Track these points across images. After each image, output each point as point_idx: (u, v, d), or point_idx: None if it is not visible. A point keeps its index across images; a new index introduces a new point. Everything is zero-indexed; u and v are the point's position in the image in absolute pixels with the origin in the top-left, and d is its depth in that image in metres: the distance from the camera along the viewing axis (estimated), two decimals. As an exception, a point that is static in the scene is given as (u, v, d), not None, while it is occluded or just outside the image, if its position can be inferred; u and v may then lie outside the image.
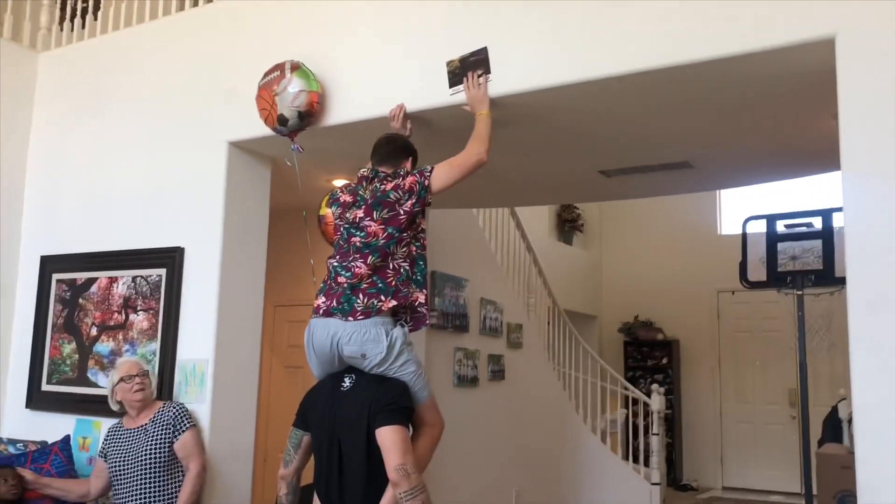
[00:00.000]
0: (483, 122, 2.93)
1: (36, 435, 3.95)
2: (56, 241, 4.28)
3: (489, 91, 2.99)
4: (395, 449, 2.57)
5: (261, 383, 5.23)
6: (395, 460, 2.54)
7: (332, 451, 2.71)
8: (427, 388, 2.84)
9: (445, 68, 3.08)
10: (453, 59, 3.07)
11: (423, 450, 2.79)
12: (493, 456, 6.34)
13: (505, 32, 3.03)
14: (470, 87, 2.98)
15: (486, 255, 6.59)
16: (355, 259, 2.75)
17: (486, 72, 3.00)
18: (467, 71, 3.02)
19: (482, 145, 2.89)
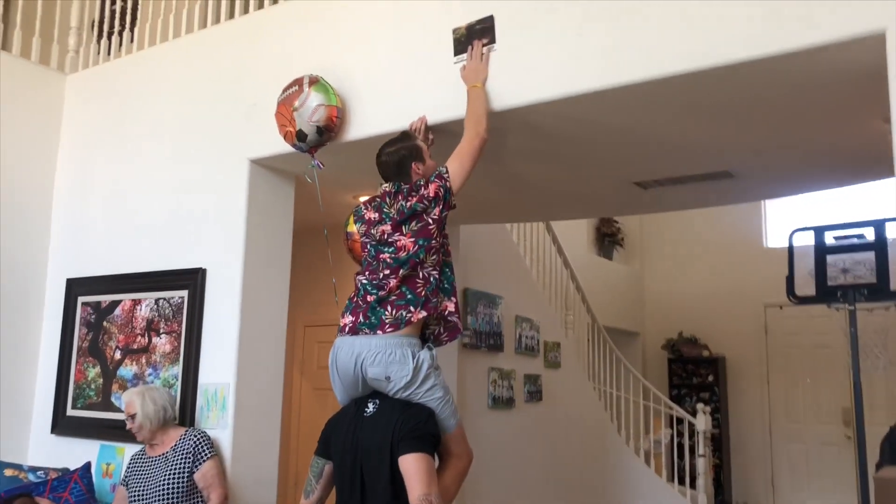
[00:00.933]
0: (477, 97, 2.82)
1: (61, 461, 3.89)
2: (82, 263, 4.24)
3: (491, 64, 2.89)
4: (419, 478, 2.43)
5: (290, 406, 5.14)
6: (419, 490, 2.41)
7: (355, 480, 2.59)
8: (455, 416, 2.69)
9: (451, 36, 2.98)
10: (460, 26, 2.96)
11: (448, 482, 2.64)
12: (531, 480, 6.14)
13: (529, 39, 2.89)
14: (473, 56, 2.86)
15: (521, 272, 6.42)
16: (387, 276, 2.64)
17: (491, 41, 2.89)
18: (473, 39, 2.90)
19: (480, 124, 2.79)
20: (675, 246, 10.05)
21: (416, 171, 2.80)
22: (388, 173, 2.84)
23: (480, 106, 2.80)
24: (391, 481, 2.50)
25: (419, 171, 2.80)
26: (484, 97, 2.83)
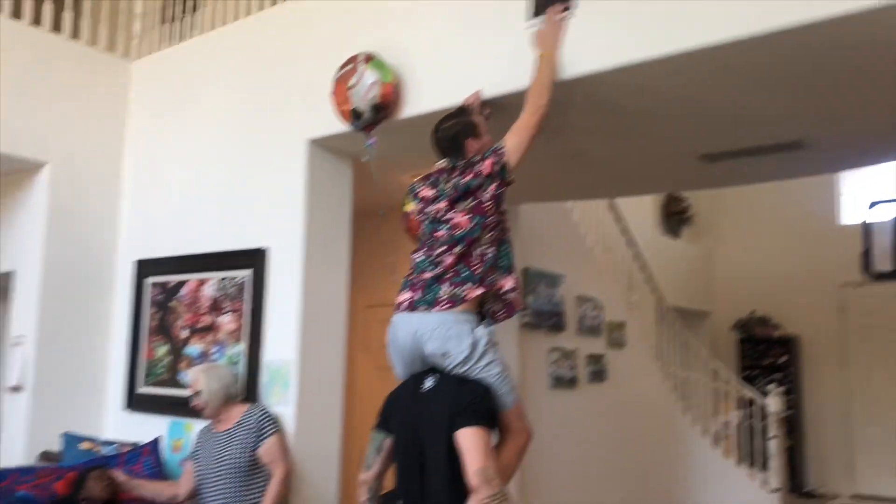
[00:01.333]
0: (546, 65, 2.74)
1: (133, 436, 4.03)
2: (150, 245, 4.36)
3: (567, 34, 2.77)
4: (476, 452, 2.42)
5: (352, 384, 5.19)
6: (476, 464, 2.39)
7: (414, 455, 2.59)
8: (513, 392, 2.66)
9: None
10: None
11: (507, 459, 2.63)
12: (594, 461, 6.07)
13: (587, 7, 2.81)
14: (550, 19, 2.77)
15: (583, 251, 6.33)
16: (442, 253, 2.63)
17: (568, 7, 2.78)
18: (550, 3, 2.80)
19: (542, 96, 2.71)
20: (745, 223, 9.75)
21: (472, 147, 2.76)
22: (443, 149, 2.82)
23: (547, 76, 2.73)
24: (449, 456, 2.49)
25: (475, 147, 2.76)
26: (552, 67, 2.74)
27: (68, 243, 4.34)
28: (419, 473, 2.57)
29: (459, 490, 2.47)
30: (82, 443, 3.77)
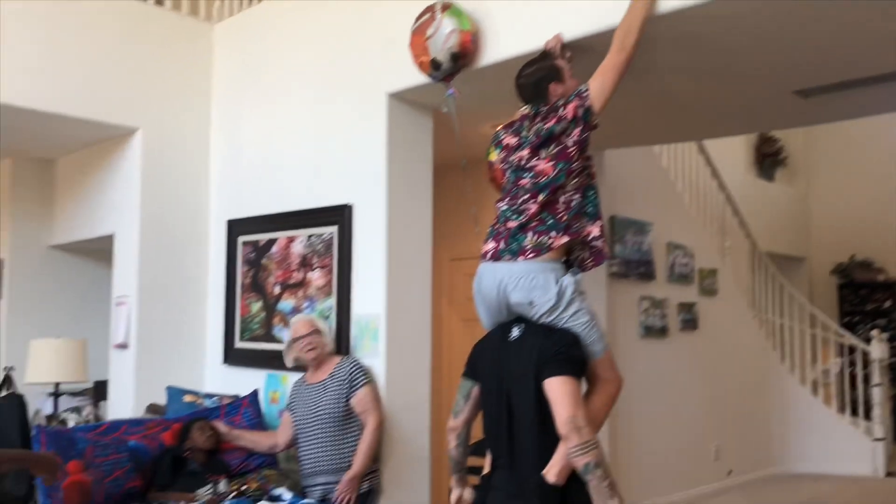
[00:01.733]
0: (638, 7, 2.61)
1: (232, 389, 4.20)
2: (240, 204, 4.48)
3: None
4: (565, 401, 2.39)
5: (439, 336, 5.25)
6: (565, 413, 2.37)
7: (501, 404, 2.59)
8: (602, 341, 2.62)
9: None
10: None
11: (597, 407, 2.60)
12: (687, 410, 5.98)
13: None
14: None
15: (672, 197, 6.15)
16: (526, 201, 2.59)
17: None
18: None
19: (628, 37, 2.61)
20: (842, 163, 9.24)
21: (555, 91, 2.69)
22: (526, 96, 2.76)
23: (637, 17, 2.62)
24: (537, 405, 2.48)
25: (558, 91, 2.69)
26: (646, 7, 2.62)
27: (163, 205, 4.50)
28: (507, 422, 2.57)
29: (548, 438, 2.46)
30: (185, 396, 3.95)
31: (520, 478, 2.50)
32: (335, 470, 3.36)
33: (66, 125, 4.34)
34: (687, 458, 5.98)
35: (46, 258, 5.44)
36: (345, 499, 3.28)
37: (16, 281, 5.33)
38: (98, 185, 4.86)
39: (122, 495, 3.25)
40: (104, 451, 3.27)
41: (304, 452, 3.44)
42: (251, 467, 3.61)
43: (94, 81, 4.25)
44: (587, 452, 2.33)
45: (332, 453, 3.38)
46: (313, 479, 3.41)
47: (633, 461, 5.29)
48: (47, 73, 4.08)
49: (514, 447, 2.55)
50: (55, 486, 3.07)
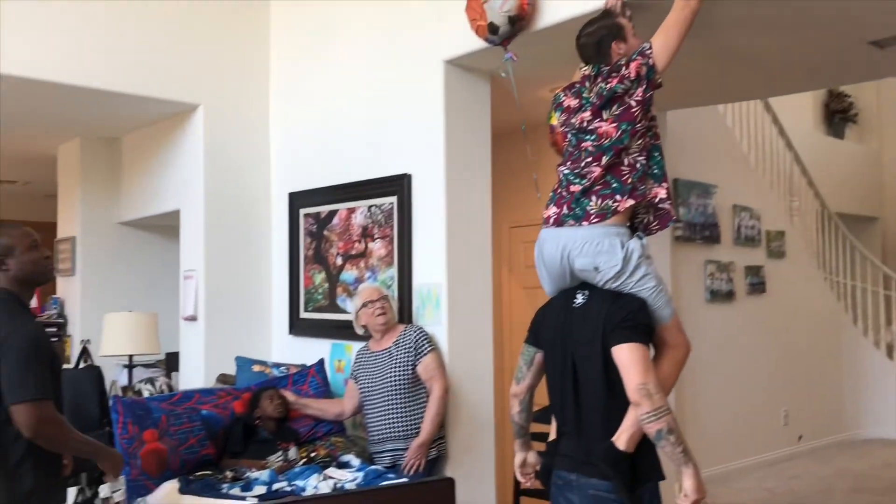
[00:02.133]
0: None
1: (299, 358, 4.27)
2: (300, 177, 4.52)
3: None
4: (635, 368, 2.35)
5: (500, 304, 5.24)
6: (635, 380, 2.33)
7: (567, 371, 2.56)
8: (670, 305, 2.56)
9: None
10: None
11: (666, 373, 2.55)
12: (755, 375, 5.87)
13: None
14: None
15: (737, 157, 5.98)
16: (589, 164, 2.53)
17: None
18: None
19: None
20: (920, 117, 8.85)
21: (618, 50, 2.61)
22: (587, 55, 2.68)
23: None
24: (604, 372, 2.44)
25: (620, 50, 2.61)
26: None
27: (225, 180, 4.57)
28: (573, 389, 2.54)
29: (615, 405, 2.43)
30: (254, 365, 4.03)
31: (588, 445, 2.48)
32: (403, 437, 3.40)
33: (129, 103, 4.44)
34: (756, 424, 5.88)
35: (116, 235, 5.61)
36: (414, 465, 3.32)
37: (88, 257, 5.51)
38: (162, 161, 4.97)
39: (196, 462, 3.35)
40: (178, 420, 3.38)
41: (372, 420, 3.49)
42: (319, 435, 3.68)
43: (156, 59, 4.32)
44: (660, 419, 2.29)
45: (400, 420, 3.41)
46: (382, 446, 3.45)
47: (701, 427, 5.23)
48: (110, 54, 4.16)
49: (581, 414, 2.52)
50: (134, 453, 3.19)
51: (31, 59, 3.90)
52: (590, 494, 2.41)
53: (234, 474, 3.23)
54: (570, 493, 2.47)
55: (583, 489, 2.43)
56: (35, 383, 2.35)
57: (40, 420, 2.34)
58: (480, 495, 3.65)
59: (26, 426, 2.33)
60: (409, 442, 3.36)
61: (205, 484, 3.15)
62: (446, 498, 2.86)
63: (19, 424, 2.34)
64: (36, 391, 2.35)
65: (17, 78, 3.90)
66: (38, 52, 3.92)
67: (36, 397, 2.34)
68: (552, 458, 2.61)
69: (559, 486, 2.52)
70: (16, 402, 2.33)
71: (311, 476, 3.14)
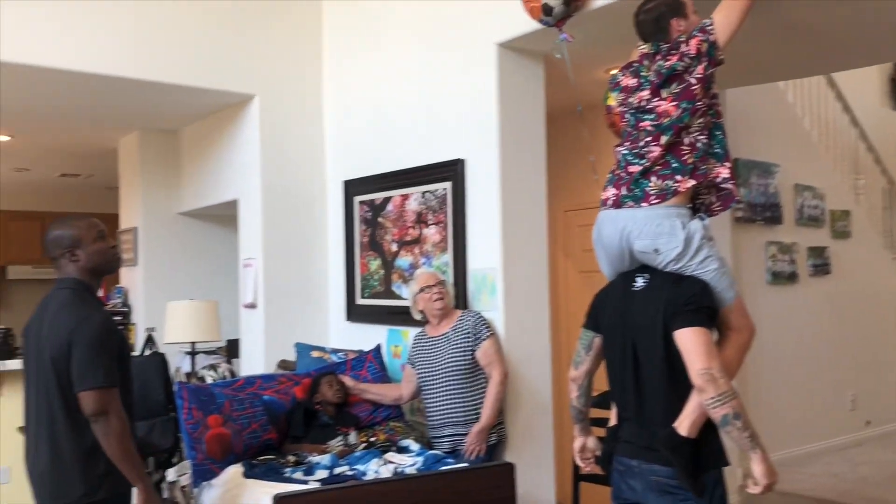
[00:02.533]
0: None
1: (356, 344, 4.31)
2: (355, 164, 4.54)
3: None
4: (698, 352, 2.30)
5: (557, 289, 5.20)
6: (699, 364, 2.28)
7: (627, 356, 2.53)
8: (733, 287, 2.50)
9: None
10: None
11: (730, 357, 2.49)
12: (820, 359, 5.72)
13: None
14: None
15: (799, 135, 5.81)
16: (648, 144, 2.48)
17: None
18: None
19: None
20: None
21: (677, 27, 2.54)
22: (646, 33, 2.62)
23: None
24: (665, 356, 2.40)
25: (680, 27, 2.54)
26: None
27: (282, 169, 4.63)
28: (633, 374, 2.51)
29: (677, 390, 2.39)
30: (312, 351, 4.09)
31: (649, 430, 2.45)
32: (463, 422, 3.40)
33: (187, 95, 4.52)
34: (821, 409, 5.73)
35: (176, 225, 5.74)
36: (475, 450, 3.33)
37: (150, 247, 5.65)
38: (220, 152, 5.05)
39: (258, 447, 3.41)
40: (241, 406, 3.44)
41: (431, 405, 3.50)
42: (378, 420, 3.72)
43: (213, 51, 4.39)
44: (725, 403, 2.24)
45: (460, 406, 3.42)
46: (441, 431, 3.46)
47: (765, 411, 5.12)
48: (168, 47, 4.24)
49: (642, 400, 2.49)
50: (199, 438, 3.27)
51: (92, 55, 4.00)
52: (651, 480, 2.39)
53: (297, 458, 3.29)
54: (632, 480, 2.45)
55: (644, 475, 2.41)
56: (104, 371, 2.42)
57: (104, 407, 2.40)
58: (540, 480, 3.64)
59: (91, 412, 2.40)
60: (469, 427, 3.36)
61: (268, 468, 3.21)
62: (506, 483, 2.86)
63: (85, 410, 2.41)
64: (104, 379, 2.41)
65: (79, 73, 4.00)
66: (98, 47, 4.02)
67: (103, 385, 2.41)
68: (613, 444, 2.58)
69: (620, 473, 2.50)
70: (83, 388, 2.40)
71: (371, 460, 3.17)
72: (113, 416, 2.42)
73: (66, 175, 7.73)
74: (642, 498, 2.42)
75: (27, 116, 5.11)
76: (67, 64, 3.93)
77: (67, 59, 3.93)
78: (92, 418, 2.41)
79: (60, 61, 3.91)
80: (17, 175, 7.65)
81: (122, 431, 2.44)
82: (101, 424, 2.41)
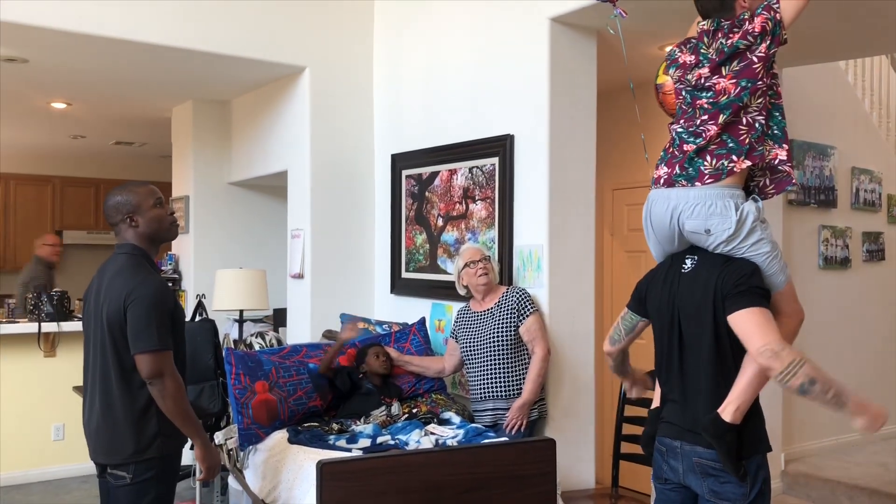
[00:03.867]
0: None
1: (400, 317, 4.36)
2: (403, 139, 4.56)
3: None
4: (753, 332, 2.26)
5: (602, 269, 5.17)
6: (757, 343, 2.23)
7: (673, 338, 2.51)
8: (785, 271, 2.45)
9: None
10: None
11: (779, 343, 2.46)
12: (871, 346, 5.59)
13: None
14: None
15: (858, 117, 5.64)
16: (704, 122, 2.43)
17: None
18: None
19: None
20: None
21: (742, 3, 2.47)
22: (707, 9, 2.54)
23: None
24: (714, 341, 2.37)
25: (745, 3, 2.47)
26: None
27: (331, 142, 4.66)
28: (679, 357, 2.49)
29: (723, 375, 2.37)
30: (359, 322, 4.14)
31: (693, 413, 2.43)
32: (505, 397, 3.43)
33: (240, 66, 4.57)
34: (872, 396, 5.58)
35: (226, 194, 5.83)
36: (515, 424, 3.35)
37: (200, 216, 5.76)
38: (270, 124, 5.11)
39: (304, 414, 3.48)
40: (287, 373, 3.51)
41: (474, 379, 3.53)
42: (421, 391, 3.76)
43: (264, 23, 4.42)
44: (796, 374, 2.18)
45: (502, 380, 3.44)
46: (483, 405, 3.49)
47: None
48: (220, 17, 4.28)
49: (687, 383, 2.47)
50: (246, 403, 3.35)
51: (147, 25, 4.07)
52: (694, 462, 2.38)
53: (340, 427, 3.34)
54: (674, 461, 2.44)
55: (687, 456, 2.40)
56: (158, 335, 2.48)
57: (159, 369, 2.47)
58: (580, 457, 3.66)
59: (147, 374, 2.47)
60: (511, 402, 3.39)
61: (313, 435, 3.28)
62: (547, 459, 2.88)
63: (141, 372, 2.48)
64: (159, 342, 2.48)
65: (134, 43, 4.07)
66: (154, 17, 4.08)
67: (158, 348, 2.47)
68: (655, 425, 2.58)
69: (662, 453, 2.49)
70: (139, 351, 2.47)
71: (413, 431, 3.21)
72: (168, 377, 2.49)
73: (121, 143, 7.90)
74: (684, 479, 2.42)
75: (84, 85, 5.22)
76: (123, 33, 4.01)
77: (124, 28, 4.00)
78: (148, 380, 2.48)
79: (117, 31, 3.99)
80: (73, 142, 7.84)
81: (178, 392, 2.51)
82: (157, 386, 2.48)
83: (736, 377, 2.34)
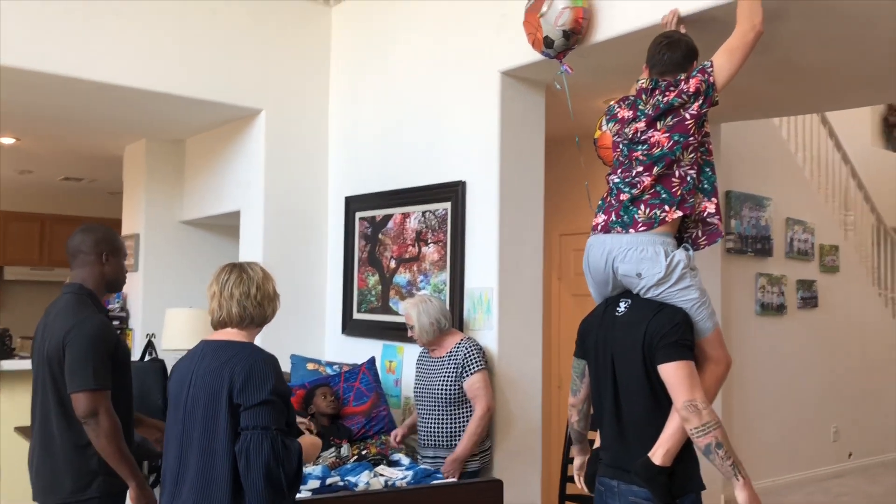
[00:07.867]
0: None
1: (351, 358, 4.39)
2: (357, 181, 4.64)
3: None
4: (682, 385, 2.37)
5: (550, 312, 5.29)
6: (683, 397, 2.35)
7: (607, 380, 2.57)
8: (713, 318, 2.57)
9: None
10: None
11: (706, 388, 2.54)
12: (805, 390, 5.81)
13: None
14: None
15: (792, 170, 5.93)
16: (640, 173, 2.57)
17: None
18: None
19: (756, 15, 2.58)
20: None
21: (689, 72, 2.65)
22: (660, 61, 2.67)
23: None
24: (646, 382, 2.44)
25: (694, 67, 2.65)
26: None
27: (285, 183, 4.72)
28: (613, 397, 2.55)
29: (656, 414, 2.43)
30: (308, 363, 4.16)
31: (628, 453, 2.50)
32: (446, 446, 3.45)
33: (197, 108, 4.61)
34: (805, 439, 5.81)
35: (178, 233, 5.81)
36: (449, 477, 3.33)
37: (150, 254, 5.72)
38: (224, 164, 5.14)
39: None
40: (237, 413, 3.49)
41: (421, 424, 3.57)
42: (370, 433, 3.78)
43: (221, 65, 4.49)
44: (708, 433, 2.31)
45: (446, 430, 3.47)
46: (426, 451, 3.53)
47: (750, 440, 5.20)
48: (177, 59, 4.33)
49: (622, 423, 2.54)
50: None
51: (103, 64, 4.08)
52: (630, 501, 2.44)
53: (289, 467, 3.34)
54: (612, 500, 2.51)
55: (624, 496, 2.46)
56: (94, 374, 2.48)
57: (95, 408, 2.46)
58: (527, 498, 3.71)
59: (82, 412, 2.46)
60: (451, 452, 3.40)
61: (261, 475, 3.26)
62: (494, 500, 2.93)
63: (77, 410, 2.47)
64: (94, 381, 2.47)
65: (88, 82, 4.07)
66: (109, 57, 4.10)
67: (94, 387, 2.47)
68: (596, 465, 2.66)
69: (601, 493, 2.57)
70: (75, 390, 2.47)
71: (362, 472, 3.23)
72: (103, 416, 2.47)
73: (69, 179, 7.81)
74: (623, 518, 2.49)
75: (34, 120, 5.19)
76: (77, 72, 4.01)
77: (78, 67, 4.01)
78: (83, 419, 2.47)
79: (71, 69, 3.99)
80: (20, 177, 7.72)
81: (113, 431, 2.49)
82: (91, 425, 2.47)
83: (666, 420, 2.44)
